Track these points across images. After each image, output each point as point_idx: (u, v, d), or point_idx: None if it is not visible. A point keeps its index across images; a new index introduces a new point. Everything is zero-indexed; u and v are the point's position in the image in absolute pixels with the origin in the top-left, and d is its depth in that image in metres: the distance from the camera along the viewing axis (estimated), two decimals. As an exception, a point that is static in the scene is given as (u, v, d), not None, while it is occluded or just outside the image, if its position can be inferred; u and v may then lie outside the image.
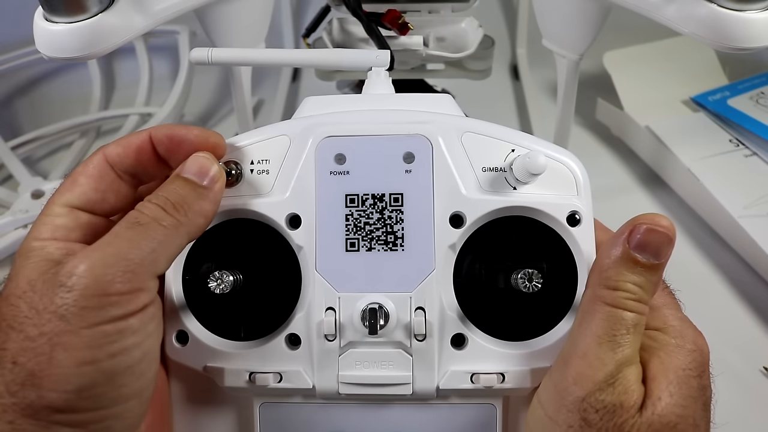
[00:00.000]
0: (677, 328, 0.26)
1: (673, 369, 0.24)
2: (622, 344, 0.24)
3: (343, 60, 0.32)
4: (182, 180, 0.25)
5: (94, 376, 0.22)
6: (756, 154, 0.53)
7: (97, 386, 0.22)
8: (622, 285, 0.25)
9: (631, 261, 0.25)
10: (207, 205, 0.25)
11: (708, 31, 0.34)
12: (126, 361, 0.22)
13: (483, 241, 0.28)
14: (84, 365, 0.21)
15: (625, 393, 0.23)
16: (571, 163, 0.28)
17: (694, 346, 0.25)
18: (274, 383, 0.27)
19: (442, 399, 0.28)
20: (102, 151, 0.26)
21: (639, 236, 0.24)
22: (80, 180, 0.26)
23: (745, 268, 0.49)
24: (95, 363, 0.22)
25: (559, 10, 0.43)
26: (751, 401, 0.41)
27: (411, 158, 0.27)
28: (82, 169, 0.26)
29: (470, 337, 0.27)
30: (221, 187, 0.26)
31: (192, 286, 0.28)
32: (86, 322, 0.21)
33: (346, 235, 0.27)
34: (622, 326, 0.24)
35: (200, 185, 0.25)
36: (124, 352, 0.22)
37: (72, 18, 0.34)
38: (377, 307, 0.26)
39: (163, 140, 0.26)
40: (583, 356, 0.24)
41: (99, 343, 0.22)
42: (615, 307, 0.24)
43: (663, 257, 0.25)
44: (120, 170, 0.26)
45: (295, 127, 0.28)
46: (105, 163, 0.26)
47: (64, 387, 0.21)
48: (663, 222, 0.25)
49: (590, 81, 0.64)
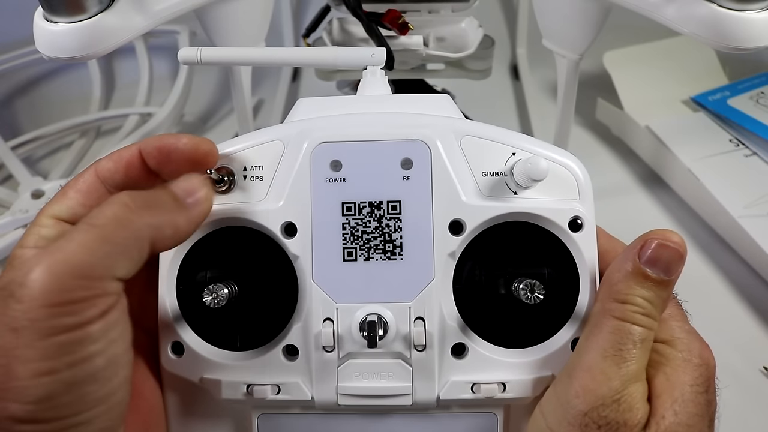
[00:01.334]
0: (684, 341, 0.25)
1: (680, 386, 0.24)
2: (628, 359, 0.24)
3: (338, 58, 0.31)
4: (165, 189, 0.25)
5: (54, 386, 0.21)
6: (756, 154, 0.53)
7: (58, 396, 0.21)
8: (630, 299, 0.24)
9: (641, 275, 0.24)
10: (181, 220, 0.24)
11: (708, 31, 0.34)
12: (87, 369, 0.21)
13: (483, 247, 0.27)
14: (42, 376, 0.20)
15: (629, 411, 0.23)
16: (573, 166, 0.28)
17: (701, 360, 0.25)
18: (273, 395, 0.27)
19: (443, 409, 0.28)
20: (95, 166, 0.26)
21: (650, 251, 0.24)
22: (69, 194, 0.25)
23: (745, 268, 0.49)
24: (53, 374, 0.20)
25: (559, 10, 0.43)
26: (751, 401, 0.41)
27: (409, 164, 0.27)
28: (73, 183, 0.26)
29: (471, 347, 0.27)
30: (202, 212, 0.25)
31: (186, 295, 0.28)
32: (38, 335, 0.20)
33: (343, 244, 0.27)
34: (629, 340, 0.24)
35: (182, 201, 0.25)
36: (84, 361, 0.21)
37: (72, 18, 0.34)
38: (376, 319, 0.26)
39: (153, 153, 0.25)
40: (588, 369, 0.24)
41: (55, 354, 0.20)
42: (623, 320, 0.24)
43: (673, 273, 0.25)
44: (110, 185, 0.26)
45: (289, 131, 0.28)
46: (95, 178, 0.26)
47: (23, 398, 0.20)
48: (674, 238, 0.25)
49: (590, 81, 0.64)
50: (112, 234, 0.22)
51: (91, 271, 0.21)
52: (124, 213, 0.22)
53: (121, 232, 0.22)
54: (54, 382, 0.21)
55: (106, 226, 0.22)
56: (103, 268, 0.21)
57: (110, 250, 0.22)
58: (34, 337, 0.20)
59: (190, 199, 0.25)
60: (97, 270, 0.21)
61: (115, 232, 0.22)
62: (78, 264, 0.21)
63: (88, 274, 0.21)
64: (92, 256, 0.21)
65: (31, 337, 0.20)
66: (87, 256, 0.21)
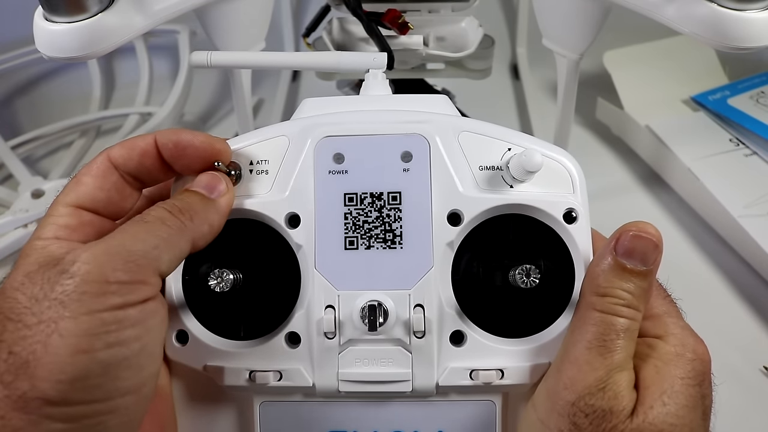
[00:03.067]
0: (678, 336, 0.26)
1: (670, 378, 0.24)
2: (612, 349, 0.24)
3: (341, 63, 0.32)
4: (190, 191, 0.26)
5: (90, 365, 0.21)
6: (756, 154, 0.53)
7: (92, 377, 0.21)
8: (611, 291, 0.25)
9: (619, 268, 0.25)
10: (212, 215, 0.26)
11: (708, 30, 0.34)
12: (123, 352, 0.22)
13: (481, 239, 0.28)
14: (79, 353, 0.21)
15: (615, 398, 0.24)
16: (566, 162, 0.28)
17: (694, 354, 0.25)
18: (274, 382, 0.27)
19: (442, 396, 0.28)
20: (106, 152, 0.26)
21: (626, 243, 0.25)
22: (84, 179, 0.26)
23: (745, 268, 0.49)
24: (91, 352, 0.21)
25: (559, 9, 0.43)
26: (751, 401, 0.41)
27: (409, 157, 0.28)
28: (86, 169, 0.26)
29: (469, 334, 0.28)
30: (228, 202, 0.27)
31: (192, 285, 0.28)
32: (85, 308, 0.21)
33: (345, 233, 0.27)
34: (612, 331, 0.24)
35: (208, 197, 0.26)
36: (121, 344, 0.22)
37: (72, 18, 0.34)
38: (377, 305, 0.27)
39: (168, 145, 0.26)
40: (574, 361, 0.25)
41: (96, 331, 0.21)
42: (605, 312, 0.25)
43: (650, 263, 0.25)
44: (123, 172, 0.26)
45: (294, 127, 0.29)
46: (109, 163, 0.26)
47: (57, 376, 0.21)
48: (648, 229, 0.25)
49: (590, 81, 0.64)
50: (161, 230, 0.24)
51: (140, 257, 0.23)
52: (167, 215, 0.24)
53: (170, 230, 0.24)
54: (90, 361, 0.21)
55: (154, 223, 0.24)
56: (150, 258, 0.23)
57: (158, 243, 0.23)
58: (81, 310, 0.21)
59: (214, 194, 0.26)
60: (146, 258, 0.23)
61: (164, 229, 0.24)
62: (131, 249, 0.23)
63: (137, 260, 0.23)
64: (144, 245, 0.23)
65: (78, 309, 0.21)
66: (139, 243, 0.23)
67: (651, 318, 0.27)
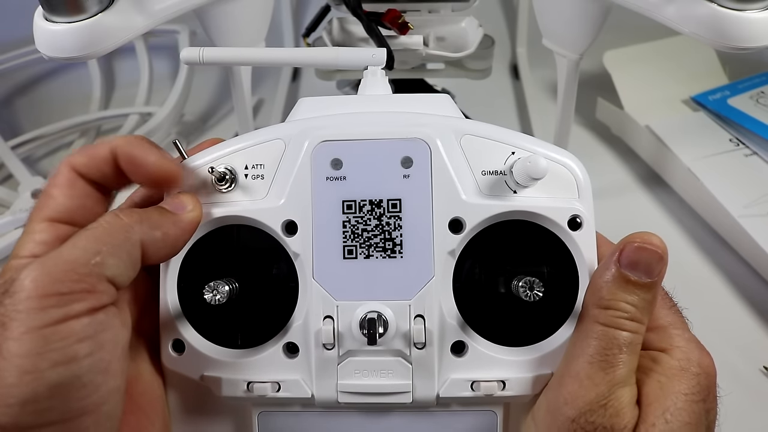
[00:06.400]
0: (683, 349, 0.25)
1: (673, 394, 0.24)
2: (614, 364, 0.24)
3: (339, 59, 0.31)
4: (155, 207, 0.26)
5: (37, 387, 0.20)
6: (756, 154, 0.53)
7: (42, 399, 0.20)
8: (614, 304, 0.24)
9: (623, 280, 0.24)
10: (168, 224, 0.25)
11: (708, 30, 0.34)
12: (73, 370, 0.21)
13: (483, 246, 0.27)
14: (25, 374, 0.20)
15: (616, 415, 0.23)
16: (572, 165, 0.28)
17: (699, 368, 0.25)
18: (273, 392, 0.27)
19: (443, 407, 0.28)
20: (68, 161, 0.25)
21: (630, 255, 0.24)
22: (53, 192, 0.25)
23: (745, 268, 0.49)
24: (36, 372, 0.20)
25: (559, 9, 0.43)
26: (751, 401, 0.41)
27: (409, 163, 0.27)
28: (52, 181, 0.25)
29: (470, 344, 0.27)
30: (192, 219, 0.26)
31: (187, 293, 0.28)
32: (25, 327, 0.20)
33: (344, 242, 0.27)
34: (614, 345, 0.24)
35: (167, 209, 0.26)
36: (69, 361, 0.21)
37: (72, 18, 0.34)
38: (376, 317, 0.26)
39: (124, 158, 0.25)
40: (576, 376, 0.24)
41: (40, 350, 0.20)
42: (608, 326, 0.24)
43: (655, 275, 0.24)
44: (87, 180, 0.26)
45: (290, 130, 0.28)
46: (72, 172, 0.25)
47: (5, 400, 0.20)
48: (653, 240, 0.24)
49: (590, 80, 0.64)
50: (102, 235, 0.23)
51: (80, 265, 0.22)
52: (115, 219, 0.23)
53: (112, 234, 0.23)
54: (38, 381, 0.20)
55: (98, 229, 0.23)
56: (92, 264, 0.22)
57: (100, 248, 0.22)
58: (22, 329, 0.20)
59: (180, 210, 0.26)
60: (86, 266, 0.22)
61: (106, 233, 0.23)
62: (69, 258, 0.22)
63: (77, 268, 0.21)
64: (84, 252, 0.22)
65: (19, 329, 0.20)
66: (78, 251, 0.22)
67: (656, 329, 0.26)
